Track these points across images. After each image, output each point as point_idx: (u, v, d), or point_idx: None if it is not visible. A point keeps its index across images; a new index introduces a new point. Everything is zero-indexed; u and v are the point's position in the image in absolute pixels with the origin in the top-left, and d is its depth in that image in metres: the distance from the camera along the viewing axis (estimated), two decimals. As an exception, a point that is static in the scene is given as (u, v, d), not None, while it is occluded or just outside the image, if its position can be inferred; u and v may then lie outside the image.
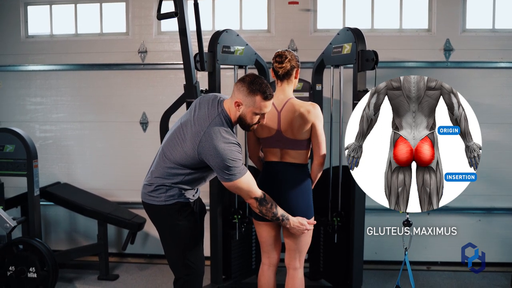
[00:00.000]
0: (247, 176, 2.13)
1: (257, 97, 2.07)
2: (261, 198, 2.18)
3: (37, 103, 4.13)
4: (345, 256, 3.11)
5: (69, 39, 4.10)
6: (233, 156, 2.05)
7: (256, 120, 2.15)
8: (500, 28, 3.79)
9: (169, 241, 2.24)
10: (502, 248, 3.82)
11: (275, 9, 3.87)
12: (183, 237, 2.20)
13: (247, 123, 2.14)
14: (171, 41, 3.96)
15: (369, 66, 2.74)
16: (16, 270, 3.06)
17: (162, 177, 2.17)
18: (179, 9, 2.71)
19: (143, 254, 4.11)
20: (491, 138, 3.73)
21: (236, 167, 2.07)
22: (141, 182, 4.16)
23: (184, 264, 2.20)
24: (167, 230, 2.23)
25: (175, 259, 2.24)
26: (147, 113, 4.01)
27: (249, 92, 2.08)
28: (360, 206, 2.94)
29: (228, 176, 2.07)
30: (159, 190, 2.17)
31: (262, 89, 2.07)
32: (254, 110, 2.10)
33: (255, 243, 3.44)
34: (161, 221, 2.24)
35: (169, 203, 2.16)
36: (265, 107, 2.12)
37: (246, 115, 2.11)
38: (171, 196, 2.16)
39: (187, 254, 2.20)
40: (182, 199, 2.19)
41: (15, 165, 3.23)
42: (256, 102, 2.08)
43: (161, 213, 2.20)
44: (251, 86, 2.07)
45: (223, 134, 2.07)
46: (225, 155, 2.03)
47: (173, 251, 2.24)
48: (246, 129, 2.21)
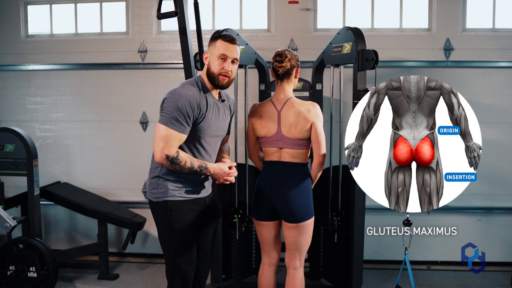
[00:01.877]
0: (174, 132, 2.03)
1: (218, 41, 2.13)
2: (173, 158, 2.03)
3: (37, 102, 4.13)
4: (345, 256, 3.12)
5: (69, 38, 4.10)
6: (182, 102, 2.02)
7: (221, 67, 2.13)
8: (500, 27, 3.79)
9: (160, 238, 2.22)
10: (502, 248, 3.82)
11: (275, 9, 3.87)
12: (171, 237, 2.16)
13: (211, 71, 2.14)
14: (171, 40, 3.96)
15: (369, 65, 2.74)
16: (16, 269, 3.07)
17: (150, 169, 2.18)
18: (179, 8, 2.71)
19: (143, 254, 4.11)
20: (491, 137, 3.73)
21: (171, 114, 2.01)
22: (141, 181, 4.13)
23: (173, 267, 2.17)
24: (158, 228, 2.21)
25: (165, 259, 2.21)
26: (147, 113, 4.01)
27: (212, 41, 2.17)
28: (360, 205, 2.94)
29: (160, 117, 2.04)
30: (151, 185, 2.16)
31: (222, 35, 2.17)
32: (217, 54, 2.13)
33: (255, 243, 3.45)
34: (155, 218, 2.22)
35: (159, 200, 2.14)
36: (226, 48, 2.12)
37: (211, 63, 2.14)
38: (161, 193, 2.13)
39: (175, 257, 2.16)
40: (170, 197, 2.12)
41: (15, 164, 3.23)
42: (217, 46, 2.13)
43: (154, 209, 2.19)
44: (213, 36, 2.21)
45: (190, 82, 2.13)
46: (178, 95, 2.04)
47: (164, 250, 2.21)
48: (215, 83, 2.15)
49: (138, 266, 3.93)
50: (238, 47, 2.17)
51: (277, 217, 2.47)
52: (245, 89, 3.32)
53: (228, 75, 2.14)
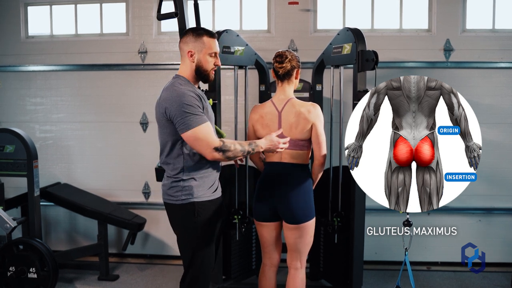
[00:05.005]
0: (207, 125, 2.05)
1: (204, 37, 2.12)
2: (221, 146, 2.04)
3: (37, 103, 4.13)
4: (345, 256, 3.11)
5: (69, 39, 4.11)
6: (189, 99, 2.02)
7: (212, 64, 2.15)
8: (500, 28, 3.79)
9: (182, 240, 2.19)
10: (502, 248, 3.82)
11: (275, 9, 3.87)
12: (197, 239, 2.14)
13: (204, 68, 2.14)
14: (171, 41, 3.96)
15: (369, 66, 2.74)
16: (16, 270, 3.07)
17: (168, 170, 2.15)
18: (179, 9, 2.71)
19: (143, 255, 4.11)
20: (491, 138, 3.73)
21: (194, 113, 2.01)
22: (141, 182, 4.15)
23: (199, 269, 2.15)
24: (181, 230, 2.18)
25: (188, 263, 2.18)
26: (147, 114, 4.01)
27: (196, 37, 2.13)
28: (360, 206, 2.94)
29: (187, 122, 2.00)
30: (174, 189, 2.13)
31: (205, 30, 2.15)
32: (207, 52, 2.12)
33: (255, 243, 3.44)
34: (176, 221, 2.18)
35: (185, 202, 2.10)
36: (214, 45, 2.15)
37: (201, 60, 2.13)
38: (186, 195, 2.10)
39: (202, 260, 2.15)
40: (197, 199, 2.11)
41: (15, 165, 3.23)
42: (205, 43, 2.12)
43: (177, 212, 2.15)
44: (195, 32, 2.14)
45: (178, 82, 2.10)
46: (181, 95, 2.02)
47: (186, 253, 2.18)
48: (206, 79, 2.17)
49: (138, 267, 3.93)
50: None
51: (278, 218, 2.47)
52: (245, 90, 3.32)
53: (214, 69, 2.20)
